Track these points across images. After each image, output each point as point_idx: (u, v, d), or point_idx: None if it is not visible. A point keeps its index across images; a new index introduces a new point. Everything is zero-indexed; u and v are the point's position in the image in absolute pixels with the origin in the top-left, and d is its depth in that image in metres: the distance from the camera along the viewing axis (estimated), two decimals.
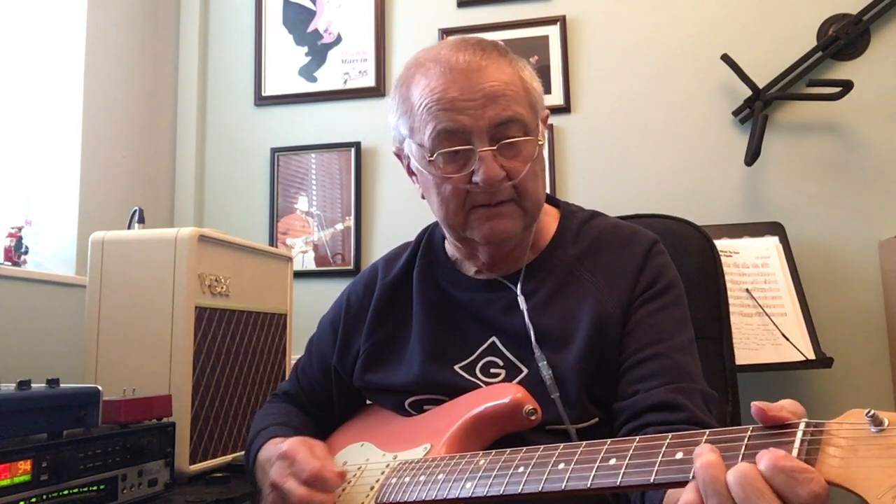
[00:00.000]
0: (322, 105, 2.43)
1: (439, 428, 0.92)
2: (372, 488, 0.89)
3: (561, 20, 2.28)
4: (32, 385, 1.01)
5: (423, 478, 0.82)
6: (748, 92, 2.08)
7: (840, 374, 1.94)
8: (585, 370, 0.93)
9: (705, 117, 2.17)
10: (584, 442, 0.69)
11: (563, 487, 0.66)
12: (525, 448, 0.74)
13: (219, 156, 2.50)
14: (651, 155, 2.19)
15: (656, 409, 0.88)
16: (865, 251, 2.03)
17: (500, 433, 0.90)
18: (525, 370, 0.97)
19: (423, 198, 1.05)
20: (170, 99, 2.49)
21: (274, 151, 2.43)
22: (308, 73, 2.45)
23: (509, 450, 0.76)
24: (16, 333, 1.69)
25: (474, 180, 0.94)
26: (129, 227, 1.68)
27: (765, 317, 1.83)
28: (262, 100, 2.48)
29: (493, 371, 0.99)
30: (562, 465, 0.68)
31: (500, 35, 2.27)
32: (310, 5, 2.49)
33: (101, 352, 1.41)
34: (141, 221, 1.68)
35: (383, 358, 1.08)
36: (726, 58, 2.08)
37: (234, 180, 2.47)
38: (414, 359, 1.03)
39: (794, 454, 0.53)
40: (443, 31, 2.33)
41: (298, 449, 0.90)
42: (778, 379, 1.96)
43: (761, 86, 2.07)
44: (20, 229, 1.91)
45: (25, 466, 0.95)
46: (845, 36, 2.06)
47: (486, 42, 0.99)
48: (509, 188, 0.95)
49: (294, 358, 1.33)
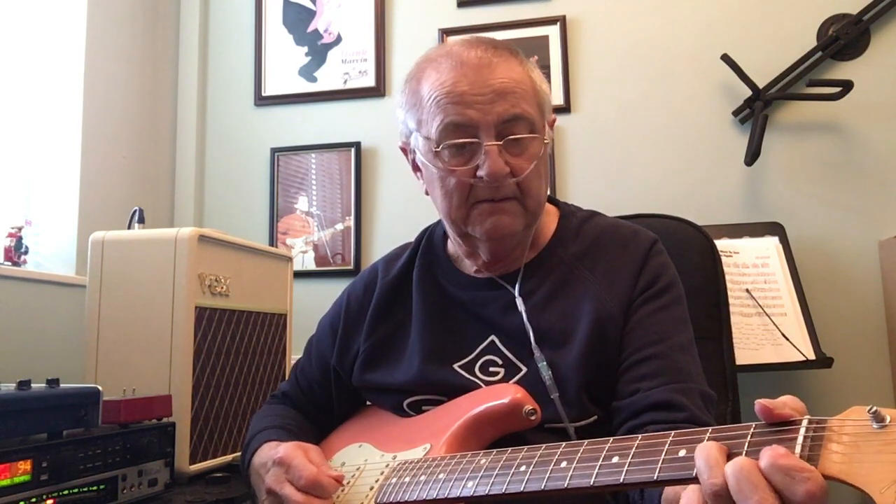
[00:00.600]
0: (322, 105, 2.43)
1: (439, 428, 0.92)
2: (371, 488, 0.89)
3: (561, 20, 2.28)
4: (32, 385, 1.01)
5: (424, 477, 0.81)
6: (748, 92, 2.08)
7: (840, 374, 1.94)
8: (585, 369, 0.93)
9: (705, 117, 2.17)
10: (586, 440, 0.69)
11: (566, 485, 0.66)
12: (526, 447, 0.74)
13: (219, 156, 2.50)
14: (651, 155, 2.19)
15: (656, 409, 0.88)
16: (865, 251, 2.03)
17: (500, 433, 0.90)
18: (524, 369, 0.97)
19: (427, 194, 1.05)
20: (170, 99, 2.49)
21: (274, 151, 2.43)
22: (308, 73, 2.45)
23: (510, 449, 0.76)
24: (16, 333, 1.69)
25: (479, 174, 0.95)
26: (129, 227, 1.68)
27: (765, 317, 1.83)
28: (262, 100, 2.48)
29: (493, 370, 0.99)
30: (564, 464, 0.68)
31: (501, 35, 2.26)
32: (310, 5, 2.49)
33: (101, 352, 1.41)
34: (141, 221, 1.68)
35: (383, 357, 1.08)
36: (726, 58, 2.08)
37: (234, 180, 2.47)
38: (413, 357, 1.03)
39: (797, 451, 0.53)
40: (443, 31, 2.33)
41: (294, 454, 0.89)
42: (778, 379, 1.96)
43: (761, 86, 2.07)
44: (20, 229, 1.91)
45: (25, 466, 0.95)
46: (845, 36, 2.06)
47: (498, 41, 1.00)
48: (512, 185, 0.96)
49: (294, 358, 1.32)
